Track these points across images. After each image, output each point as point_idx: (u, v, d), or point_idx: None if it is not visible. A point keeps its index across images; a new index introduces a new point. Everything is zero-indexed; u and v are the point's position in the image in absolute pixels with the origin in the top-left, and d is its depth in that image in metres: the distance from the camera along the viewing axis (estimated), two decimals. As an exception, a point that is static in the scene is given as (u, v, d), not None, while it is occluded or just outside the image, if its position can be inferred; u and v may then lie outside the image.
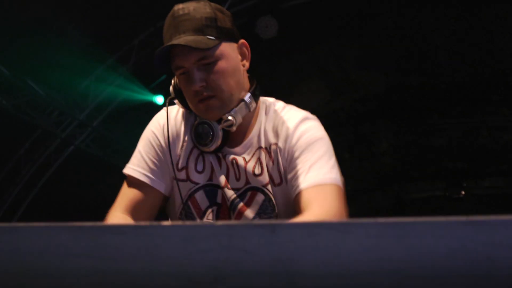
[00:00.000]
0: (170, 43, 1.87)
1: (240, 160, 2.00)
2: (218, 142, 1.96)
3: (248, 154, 2.01)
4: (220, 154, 2.02)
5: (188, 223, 0.73)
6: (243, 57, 2.00)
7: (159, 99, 6.81)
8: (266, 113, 2.05)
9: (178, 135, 2.04)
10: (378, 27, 6.77)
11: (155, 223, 0.71)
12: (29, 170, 6.89)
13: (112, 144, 7.18)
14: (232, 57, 1.95)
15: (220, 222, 0.71)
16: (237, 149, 2.01)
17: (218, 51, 1.90)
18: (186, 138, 2.03)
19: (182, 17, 1.97)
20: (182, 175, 2.02)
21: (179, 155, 2.03)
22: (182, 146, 2.03)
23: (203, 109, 1.92)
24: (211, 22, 1.94)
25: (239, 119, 1.94)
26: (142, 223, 0.71)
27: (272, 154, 1.99)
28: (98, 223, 0.76)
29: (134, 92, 6.59)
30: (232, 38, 1.98)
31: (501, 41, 6.95)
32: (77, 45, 5.71)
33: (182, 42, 1.85)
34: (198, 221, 2.01)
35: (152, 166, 2.03)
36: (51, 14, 5.38)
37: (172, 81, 2.05)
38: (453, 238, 0.65)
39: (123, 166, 2.03)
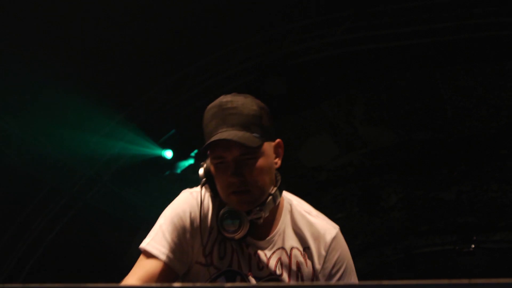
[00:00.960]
0: (220, 138, 1.92)
1: (262, 255, 2.08)
2: (245, 231, 2.01)
3: (270, 250, 2.10)
4: (243, 243, 2.07)
5: (198, 284, 0.74)
6: (277, 155, 2.11)
7: (168, 154, 6.84)
8: (291, 213, 2.13)
9: (205, 220, 2.08)
10: (385, 83, 6.81)
11: (166, 284, 0.72)
12: (38, 226, 6.89)
13: (121, 199, 7.18)
14: (270, 155, 2.04)
15: (228, 284, 0.72)
16: (260, 243, 2.09)
17: (259, 150, 1.97)
18: (212, 224, 2.08)
19: (230, 110, 2.02)
20: (208, 260, 2.06)
21: (207, 241, 2.07)
22: (210, 232, 2.07)
23: (235, 201, 2.00)
24: (257, 120, 2.01)
25: (267, 213, 2.01)
26: (153, 284, 0.72)
27: (293, 256, 2.07)
28: (109, 284, 0.77)
29: (143, 147, 6.62)
30: (271, 137, 2.07)
31: (507, 96, 6.97)
32: (87, 102, 5.76)
33: (233, 137, 1.93)
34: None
35: (173, 246, 2.06)
36: (60, 71, 5.44)
37: (204, 165, 2.10)
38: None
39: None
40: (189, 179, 7.02)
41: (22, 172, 6.04)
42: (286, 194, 2.21)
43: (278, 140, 2.10)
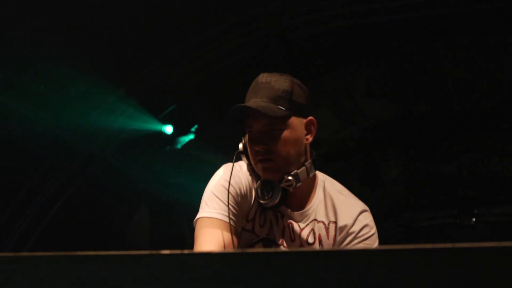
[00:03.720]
0: (243, 104, 2.08)
1: (296, 226, 2.20)
2: (277, 199, 2.14)
3: (304, 223, 2.24)
4: (278, 214, 2.21)
5: (186, 251, 0.73)
6: (309, 132, 2.25)
7: (168, 129, 6.83)
8: (324, 189, 2.27)
9: (250, 189, 2.21)
10: (386, 56, 6.78)
11: (154, 252, 0.72)
12: (39, 201, 6.89)
13: (122, 174, 7.18)
14: (298, 129, 2.18)
15: (217, 251, 0.71)
16: (294, 215, 2.21)
17: (285, 122, 2.12)
18: (253, 193, 2.22)
19: (263, 84, 2.20)
20: (249, 226, 2.19)
21: (250, 208, 2.20)
22: (253, 200, 2.20)
23: (260, 168, 2.15)
24: (286, 94, 2.18)
25: (299, 182, 2.12)
26: (142, 252, 0.72)
27: (330, 230, 2.19)
28: (101, 252, 0.76)
29: (144, 122, 6.62)
30: (302, 113, 2.24)
31: (509, 68, 6.95)
32: (87, 77, 5.75)
33: (253, 105, 2.09)
34: None
35: (232, 210, 2.20)
36: (60, 46, 5.42)
37: (243, 139, 2.27)
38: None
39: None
40: (190, 154, 7.02)
41: (22, 148, 6.04)
42: (320, 174, 2.36)
43: (310, 117, 2.24)
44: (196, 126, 7.01)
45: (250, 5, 5.82)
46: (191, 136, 7.04)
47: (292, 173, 2.15)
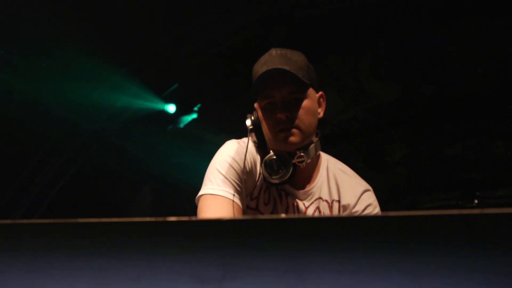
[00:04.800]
0: (274, 67, 2.02)
1: (301, 205, 2.17)
2: (288, 175, 2.09)
3: (308, 201, 2.20)
4: (283, 193, 2.16)
5: (194, 218, 0.72)
6: (320, 106, 2.17)
7: (171, 108, 6.81)
8: (327, 168, 2.23)
9: (255, 166, 2.16)
10: (390, 37, 6.75)
11: (160, 219, 0.70)
12: (42, 180, 6.90)
13: (125, 153, 7.18)
14: (315, 101, 2.14)
15: (229, 218, 0.70)
16: (299, 193, 2.17)
17: (306, 92, 2.08)
18: (259, 170, 2.17)
19: (280, 56, 2.16)
20: (253, 204, 2.15)
21: (255, 185, 2.16)
22: (258, 177, 2.16)
23: (282, 138, 2.09)
24: (305, 66, 2.20)
25: (309, 159, 2.09)
26: (147, 219, 0.70)
27: (333, 209, 2.15)
28: (104, 219, 0.75)
29: (146, 101, 6.60)
30: (316, 87, 2.20)
31: (515, 51, 6.92)
32: (90, 55, 5.73)
33: (286, 68, 2.02)
34: None
35: (236, 187, 2.13)
36: (63, 24, 5.39)
37: (251, 116, 2.23)
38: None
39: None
40: (192, 134, 7.01)
41: (24, 126, 6.03)
42: (323, 153, 2.35)
43: (321, 92, 2.23)
44: (199, 105, 6.99)
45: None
46: (194, 116, 7.03)
47: (304, 149, 2.14)
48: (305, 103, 2.12)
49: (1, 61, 5.47)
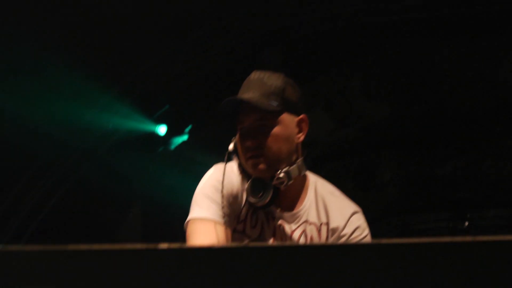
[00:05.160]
0: (234, 97, 2.06)
1: (287, 227, 2.16)
2: (268, 198, 2.09)
3: (295, 224, 2.20)
4: (269, 216, 2.16)
5: (185, 246, 0.71)
6: (300, 130, 2.21)
7: (162, 129, 6.81)
8: (315, 190, 2.23)
9: (241, 189, 2.17)
10: (381, 57, 6.78)
11: (151, 245, 0.70)
12: (31, 200, 6.87)
13: (115, 175, 7.15)
14: (289, 127, 2.14)
15: (217, 246, 0.69)
16: (286, 216, 2.17)
17: (276, 118, 2.09)
18: (244, 194, 2.18)
19: (255, 80, 2.18)
20: (240, 227, 2.16)
21: (242, 208, 2.16)
22: (244, 201, 2.16)
23: (250, 165, 2.11)
24: (278, 91, 2.18)
25: (290, 180, 2.08)
26: (138, 245, 0.69)
27: (322, 231, 2.15)
28: (91, 246, 0.74)
29: (138, 122, 6.59)
30: (294, 110, 2.18)
31: (504, 70, 6.95)
32: (82, 76, 5.72)
33: (245, 98, 2.05)
34: None
35: (225, 210, 2.13)
36: (55, 43, 5.40)
37: (234, 139, 2.23)
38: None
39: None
40: (183, 156, 7.00)
41: (15, 146, 6.01)
42: (311, 175, 2.33)
43: (302, 115, 2.21)
44: (190, 127, 6.98)
45: (245, 5, 5.80)
46: (185, 137, 7.02)
47: (283, 170, 2.12)
48: (275, 129, 2.12)
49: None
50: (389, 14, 5.92)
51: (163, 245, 0.73)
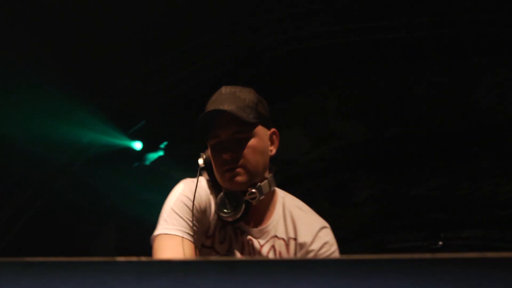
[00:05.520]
0: (215, 108, 2.05)
1: (256, 243, 2.17)
2: (240, 213, 2.11)
3: (263, 239, 2.21)
4: (238, 231, 2.17)
5: (143, 258, 0.71)
6: (272, 143, 2.22)
7: (137, 145, 6.79)
8: (284, 206, 2.25)
9: (210, 204, 2.17)
10: (358, 77, 6.81)
11: (109, 258, 0.69)
12: (3, 216, 6.81)
13: (90, 189, 7.12)
14: (264, 139, 2.17)
15: (176, 259, 0.69)
16: (254, 231, 2.19)
17: (254, 130, 2.11)
18: (213, 208, 2.18)
19: (228, 94, 2.19)
20: (208, 242, 2.16)
21: (210, 223, 2.16)
22: (213, 215, 2.17)
23: (228, 178, 2.12)
24: (253, 105, 2.21)
25: (262, 195, 2.10)
26: (96, 258, 0.69)
27: (290, 247, 2.16)
28: (53, 258, 0.74)
29: (113, 137, 6.58)
30: (266, 124, 2.21)
31: (480, 92, 7.01)
32: (57, 91, 5.70)
33: (226, 108, 2.05)
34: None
35: (192, 226, 2.14)
36: (31, 60, 5.38)
37: (203, 155, 2.24)
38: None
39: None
40: (158, 171, 6.99)
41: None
42: (279, 190, 2.35)
43: (273, 129, 2.24)
44: (165, 143, 6.98)
45: (221, 24, 5.82)
46: (161, 153, 7.01)
47: (256, 186, 2.14)
48: (252, 142, 2.13)
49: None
50: (366, 35, 5.96)
51: (120, 258, 0.73)
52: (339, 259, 0.66)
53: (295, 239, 2.22)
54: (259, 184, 2.14)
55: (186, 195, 2.16)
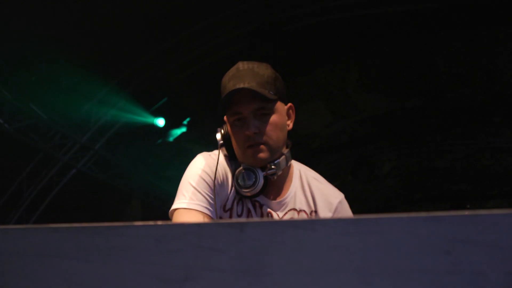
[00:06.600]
0: (238, 87, 2.04)
1: (275, 215, 2.17)
2: (260, 187, 2.11)
3: (282, 212, 2.22)
4: (256, 203, 2.18)
5: (159, 222, 0.74)
6: (289, 118, 2.20)
7: (160, 122, 6.83)
8: (300, 178, 2.25)
9: (227, 178, 2.17)
10: (379, 49, 6.79)
11: (127, 223, 0.73)
12: (31, 193, 6.90)
13: (114, 167, 7.18)
14: (283, 115, 2.16)
15: (190, 222, 0.73)
16: (272, 204, 2.18)
17: (274, 106, 2.10)
18: (231, 183, 2.18)
19: (246, 71, 2.16)
20: (226, 216, 2.16)
21: (228, 197, 2.17)
22: (230, 189, 2.17)
23: (251, 154, 2.11)
24: (272, 80, 2.15)
25: (280, 171, 2.11)
26: (115, 223, 0.72)
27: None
28: (76, 224, 0.77)
29: (136, 115, 6.61)
30: (284, 99, 2.18)
31: (501, 62, 6.96)
32: (80, 69, 5.75)
33: (247, 86, 2.04)
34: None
35: (210, 200, 2.13)
36: (54, 39, 5.42)
37: (221, 130, 2.21)
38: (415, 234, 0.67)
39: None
40: (182, 147, 7.02)
41: (14, 140, 6.04)
42: (294, 162, 2.31)
43: (290, 103, 2.22)
44: (188, 119, 7.01)
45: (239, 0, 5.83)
46: (183, 129, 7.04)
47: (275, 162, 2.15)
48: (273, 118, 2.13)
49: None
50: (388, 6, 5.93)
51: (138, 223, 0.76)
52: (342, 219, 0.69)
53: (315, 211, 2.24)
54: (277, 160, 2.15)
55: (203, 169, 2.16)
